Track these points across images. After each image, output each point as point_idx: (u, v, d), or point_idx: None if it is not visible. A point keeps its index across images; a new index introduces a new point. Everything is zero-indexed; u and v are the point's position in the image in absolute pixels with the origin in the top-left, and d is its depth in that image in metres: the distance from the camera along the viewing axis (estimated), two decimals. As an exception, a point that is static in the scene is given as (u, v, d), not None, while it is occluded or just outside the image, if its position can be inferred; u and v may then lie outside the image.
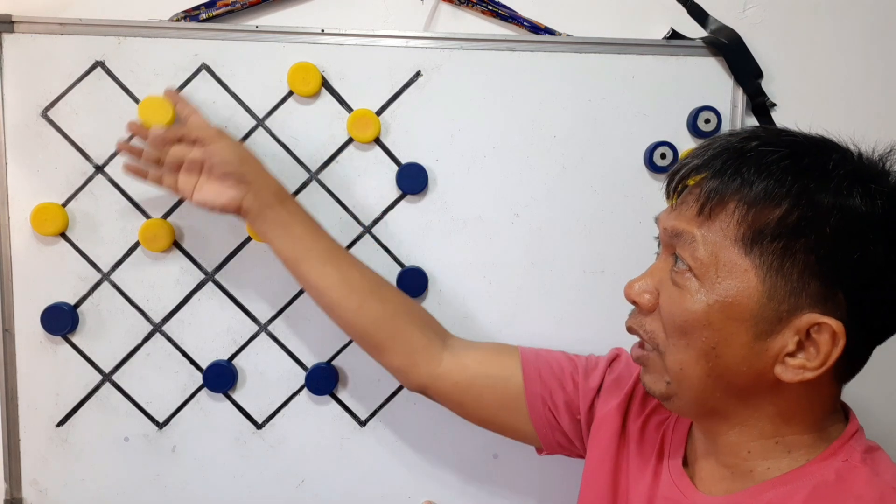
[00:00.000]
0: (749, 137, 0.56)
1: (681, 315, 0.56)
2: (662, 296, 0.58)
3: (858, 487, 0.53)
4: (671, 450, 0.68)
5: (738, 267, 0.53)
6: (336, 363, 0.95)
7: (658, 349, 0.59)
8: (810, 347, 0.53)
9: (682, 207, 0.58)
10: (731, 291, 0.53)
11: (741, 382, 0.56)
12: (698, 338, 0.55)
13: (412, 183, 0.93)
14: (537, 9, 0.94)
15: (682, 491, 0.63)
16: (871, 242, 0.51)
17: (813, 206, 0.51)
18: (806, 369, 0.53)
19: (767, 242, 0.52)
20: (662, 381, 0.59)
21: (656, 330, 0.59)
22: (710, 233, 0.55)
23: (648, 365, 0.61)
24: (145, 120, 0.86)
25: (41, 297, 0.91)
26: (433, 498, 0.99)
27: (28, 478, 0.94)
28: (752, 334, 0.54)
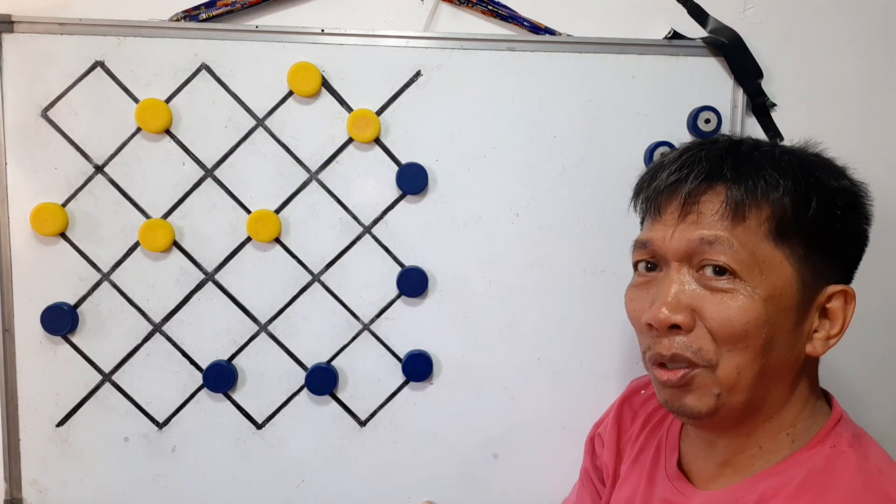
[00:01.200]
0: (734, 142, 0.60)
1: (741, 318, 0.55)
2: (708, 307, 0.56)
3: (847, 473, 0.54)
4: (667, 453, 0.69)
5: (774, 259, 0.56)
6: (336, 363, 0.95)
7: (711, 364, 0.57)
8: (824, 320, 0.58)
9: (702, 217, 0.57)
10: (777, 284, 0.56)
11: (784, 371, 0.58)
12: (758, 336, 0.55)
13: (412, 183, 0.93)
14: (537, 9, 0.94)
15: (680, 490, 0.64)
16: (859, 212, 0.60)
17: (826, 192, 0.57)
18: (831, 338, 0.58)
19: (793, 232, 0.56)
20: (711, 394, 0.57)
21: (704, 345, 0.56)
22: (742, 234, 0.56)
23: (693, 383, 0.58)
24: (142, 123, 0.86)
25: (41, 297, 0.91)
26: (433, 498, 0.99)
27: (28, 478, 0.94)
28: (793, 321, 0.57)
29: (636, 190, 0.66)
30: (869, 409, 1.03)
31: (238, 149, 0.91)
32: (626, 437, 0.78)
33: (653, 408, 0.78)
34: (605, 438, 0.80)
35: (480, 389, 0.97)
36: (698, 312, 0.57)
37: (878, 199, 0.98)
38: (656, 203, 0.60)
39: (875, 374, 1.03)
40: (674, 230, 0.58)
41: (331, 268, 0.94)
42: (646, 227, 0.63)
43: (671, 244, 0.58)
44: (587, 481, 0.85)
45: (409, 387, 0.97)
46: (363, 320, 0.95)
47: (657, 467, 0.69)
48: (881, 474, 0.54)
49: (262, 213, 0.91)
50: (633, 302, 0.63)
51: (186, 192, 0.91)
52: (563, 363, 0.97)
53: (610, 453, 0.78)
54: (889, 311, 1.02)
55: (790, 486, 0.55)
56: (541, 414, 0.98)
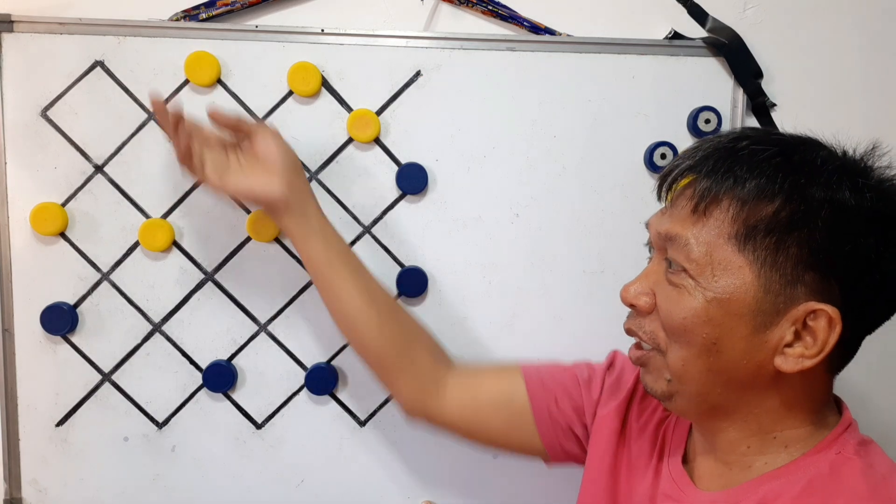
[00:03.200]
0: (739, 137, 0.58)
1: (680, 313, 0.57)
2: (660, 296, 0.59)
3: (852, 479, 0.54)
4: (671, 448, 0.69)
5: (733, 264, 0.55)
6: (336, 363, 0.95)
7: (659, 348, 0.60)
8: (807, 336, 0.54)
9: (674, 209, 0.59)
10: (728, 288, 0.55)
11: (742, 376, 0.56)
12: (699, 334, 0.56)
13: (412, 183, 0.93)
14: (537, 9, 0.94)
15: (682, 488, 0.64)
16: (861, 234, 0.53)
17: (805, 201, 0.53)
18: (805, 357, 0.54)
19: (761, 238, 0.54)
20: (663, 379, 0.60)
21: (655, 330, 0.60)
22: (703, 232, 0.56)
23: (649, 364, 0.62)
24: (191, 76, 0.88)
25: (41, 296, 0.91)
26: (433, 498, 0.99)
27: (28, 477, 0.94)
28: (750, 328, 0.55)
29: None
30: (869, 410, 1.03)
31: (238, 149, 0.91)
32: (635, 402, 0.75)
33: None
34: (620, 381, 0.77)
35: (480, 389, 0.97)
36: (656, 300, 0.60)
37: (878, 200, 0.99)
38: (657, 188, 0.63)
39: (874, 374, 1.03)
40: (658, 219, 0.61)
41: (331, 268, 0.94)
42: None
43: (653, 232, 0.62)
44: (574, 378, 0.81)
45: (409, 387, 0.96)
46: (363, 320, 0.95)
47: (662, 462, 0.69)
48: (886, 481, 0.53)
49: (262, 213, 0.91)
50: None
51: (186, 191, 0.91)
52: (562, 363, 0.97)
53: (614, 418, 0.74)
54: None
55: (792, 491, 0.55)
56: (541, 414, 0.98)
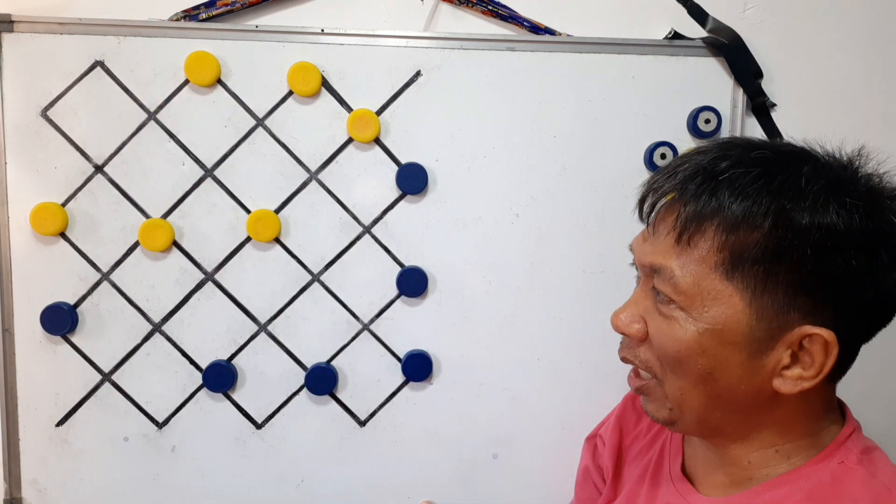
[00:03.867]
0: (719, 157, 0.54)
1: (673, 346, 0.55)
2: (651, 326, 0.58)
3: (854, 489, 0.53)
4: (671, 456, 0.69)
5: (722, 293, 0.53)
6: (336, 363, 0.95)
7: (656, 377, 0.59)
8: (804, 357, 0.53)
9: (657, 238, 0.57)
10: (719, 318, 0.53)
11: (741, 400, 0.56)
12: (693, 365, 0.55)
13: (412, 183, 0.93)
14: (537, 9, 0.94)
15: (683, 495, 0.63)
16: (851, 256, 0.51)
17: (791, 228, 0.50)
18: (803, 379, 0.53)
19: (748, 267, 0.52)
20: (665, 408, 0.59)
21: (650, 359, 0.58)
22: (689, 262, 0.54)
23: (649, 394, 0.60)
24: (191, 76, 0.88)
25: (41, 296, 0.91)
26: (433, 498, 0.99)
27: (28, 477, 0.94)
28: (745, 354, 0.53)
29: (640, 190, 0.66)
30: (868, 410, 1.03)
31: (238, 149, 0.91)
32: (629, 438, 0.78)
33: None
34: (606, 439, 0.80)
35: (480, 389, 0.97)
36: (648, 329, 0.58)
37: (878, 200, 0.99)
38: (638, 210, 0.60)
39: (873, 374, 1.03)
40: (641, 246, 0.59)
41: (331, 268, 0.94)
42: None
43: (639, 255, 0.60)
44: (587, 480, 0.84)
45: (409, 387, 0.97)
46: (363, 320, 0.95)
47: (661, 470, 0.69)
48: (889, 493, 0.52)
49: (261, 213, 0.91)
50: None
51: (186, 191, 0.91)
52: (563, 363, 0.97)
53: (611, 454, 0.78)
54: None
55: (794, 500, 0.54)
56: (541, 414, 0.98)
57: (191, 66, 0.88)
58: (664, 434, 0.73)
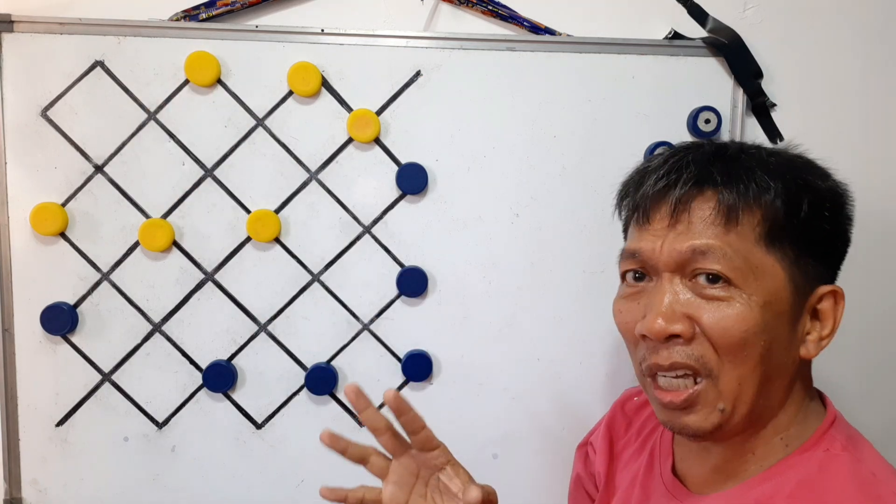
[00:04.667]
0: (722, 146, 0.59)
1: (739, 326, 0.54)
2: (705, 316, 0.55)
3: (841, 476, 0.54)
4: (661, 458, 0.69)
5: (766, 265, 0.55)
6: (336, 363, 0.95)
7: (711, 374, 0.56)
8: (815, 321, 0.57)
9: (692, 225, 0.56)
10: (771, 289, 0.55)
11: (783, 375, 0.57)
12: (756, 344, 0.54)
13: (412, 183, 0.93)
14: (537, 9, 0.94)
15: (675, 495, 0.64)
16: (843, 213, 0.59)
17: (816, 193, 0.56)
18: (823, 339, 0.57)
19: (784, 236, 0.55)
20: (716, 410, 0.56)
21: (706, 354, 0.55)
22: (735, 240, 0.55)
23: (698, 402, 0.56)
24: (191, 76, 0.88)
25: (41, 296, 0.91)
26: (433, 498, 0.99)
27: (28, 477, 0.94)
28: (789, 325, 0.56)
29: (621, 194, 0.65)
30: (865, 410, 1.03)
31: (238, 149, 0.91)
32: (620, 444, 0.78)
33: (647, 414, 0.78)
34: (597, 446, 0.80)
35: (480, 389, 0.97)
36: (696, 321, 0.55)
37: (878, 200, 0.99)
38: (644, 210, 0.59)
39: (871, 375, 1.03)
40: (663, 241, 0.57)
41: (331, 268, 0.94)
42: (633, 235, 0.62)
43: (662, 255, 0.57)
44: (579, 489, 0.84)
45: (409, 387, 0.96)
46: (363, 320, 0.95)
47: (652, 472, 0.69)
48: (875, 478, 0.53)
49: (261, 213, 0.91)
50: (622, 314, 0.61)
51: (186, 191, 0.91)
52: (563, 363, 0.97)
53: (602, 460, 0.78)
54: (887, 312, 1.02)
55: (784, 492, 0.54)
56: (541, 414, 0.98)
57: (191, 66, 0.88)
58: (654, 437, 0.73)
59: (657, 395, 0.58)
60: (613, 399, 0.85)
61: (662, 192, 0.57)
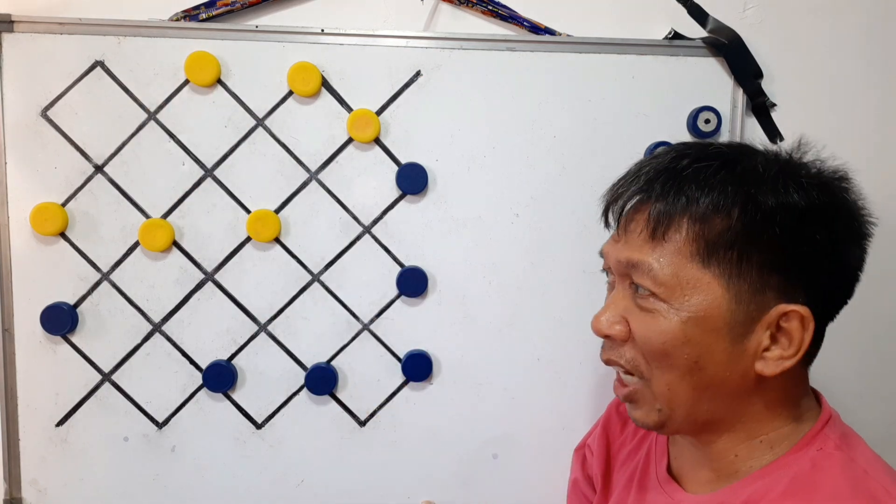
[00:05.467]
0: (679, 156, 0.58)
1: (658, 338, 0.56)
2: (633, 323, 0.58)
3: (833, 474, 0.54)
4: (656, 458, 0.70)
5: (701, 281, 0.55)
6: (336, 363, 0.95)
7: (643, 377, 0.59)
8: (782, 338, 0.55)
9: (630, 236, 0.59)
10: (700, 305, 0.55)
11: (728, 388, 0.57)
12: (679, 356, 0.56)
13: (412, 183, 0.93)
14: (537, 9, 0.94)
15: (670, 495, 0.64)
16: (815, 231, 0.54)
17: (759, 211, 0.53)
18: (784, 359, 0.55)
19: (723, 252, 0.54)
20: (654, 410, 0.59)
21: (636, 357, 0.59)
22: (665, 255, 0.56)
23: (637, 399, 0.61)
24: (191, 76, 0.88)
25: (41, 296, 0.91)
26: (433, 498, 0.99)
27: (28, 477, 0.94)
28: (728, 340, 0.55)
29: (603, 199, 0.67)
30: (865, 410, 1.03)
31: (238, 149, 0.91)
32: (616, 445, 0.79)
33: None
34: (594, 448, 0.81)
35: (480, 389, 0.97)
36: (630, 326, 0.59)
37: (878, 200, 0.99)
38: (605, 216, 0.63)
39: (871, 375, 1.03)
40: (613, 247, 0.61)
41: (331, 268, 0.94)
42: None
43: (611, 260, 0.61)
44: (576, 492, 0.85)
45: (409, 387, 0.97)
46: (363, 320, 0.95)
47: (647, 472, 0.69)
48: (867, 475, 0.54)
49: (261, 213, 0.91)
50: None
51: (186, 191, 0.91)
52: (563, 363, 0.97)
53: (599, 461, 0.78)
54: (887, 312, 1.02)
55: (777, 490, 0.55)
56: (541, 414, 0.98)
57: (191, 66, 0.88)
58: (650, 438, 0.73)
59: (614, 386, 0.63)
60: (612, 399, 0.85)
61: (613, 202, 0.61)
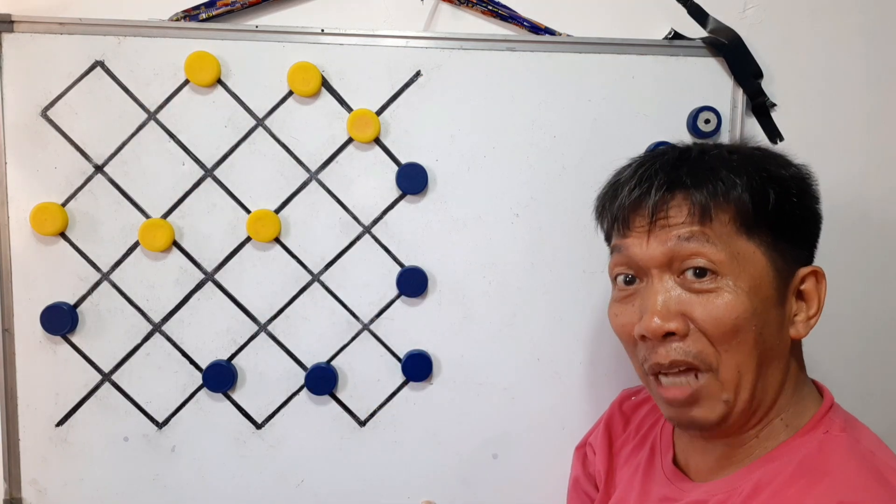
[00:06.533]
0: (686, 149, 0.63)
1: (731, 314, 0.56)
2: (697, 310, 0.57)
3: (840, 455, 0.55)
4: (662, 452, 0.70)
5: (749, 252, 0.58)
6: (336, 363, 0.95)
7: (712, 367, 0.58)
8: (800, 302, 0.60)
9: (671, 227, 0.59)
10: (755, 275, 0.57)
11: (777, 358, 0.59)
12: (748, 329, 0.57)
13: (412, 183, 0.93)
14: (537, 9, 0.94)
15: (679, 486, 0.64)
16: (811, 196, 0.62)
17: (780, 182, 0.59)
18: (810, 318, 0.60)
19: (761, 223, 0.58)
20: (720, 401, 0.58)
21: (703, 347, 0.57)
22: (716, 234, 0.58)
23: (702, 396, 0.58)
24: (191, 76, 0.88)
25: (41, 296, 0.91)
26: (433, 498, 0.99)
27: (28, 477, 0.94)
28: (776, 308, 0.59)
29: (598, 208, 0.68)
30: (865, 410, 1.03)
31: (238, 149, 0.91)
32: (619, 442, 0.79)
33: (645, 412, 0.79)
34: (596, 446, 0.81)
35: (480, 389, 0.97)
36: (689, 316, 0.57)
37: (878, 200, 0.99)
38: (624, 219, 0.62)
39: (871, 375, 1.03)
40: (647, 239, 0.60)
41: (331, 268, 0.94)
42: (617, 240, 0.64)
43: (648, 251, 0.59)
44: (577, 490, 0.85)
45: (409, 387, 0.97)
46: (363, 320, 0.95)
47: (653, 465, 0.69)
48: (874, 456, 0.55)
49: (261, 213, 0.91)
50: (618, 317, 0.64)
51: (186, 191, 0.91)
52: (563, 363, 0.97)
53: (602, 459, 0.79)
54: (887, 312, 1.02)
55: (785, 472, 0.56)
56: (541, 414, 0.98)
57: (191, 66, 0.88)
58: (654, 433, 0.73)
59: (661, 393, 0.60)
60: (613, 399, 0.85)
61: (637, 201, 0.60)
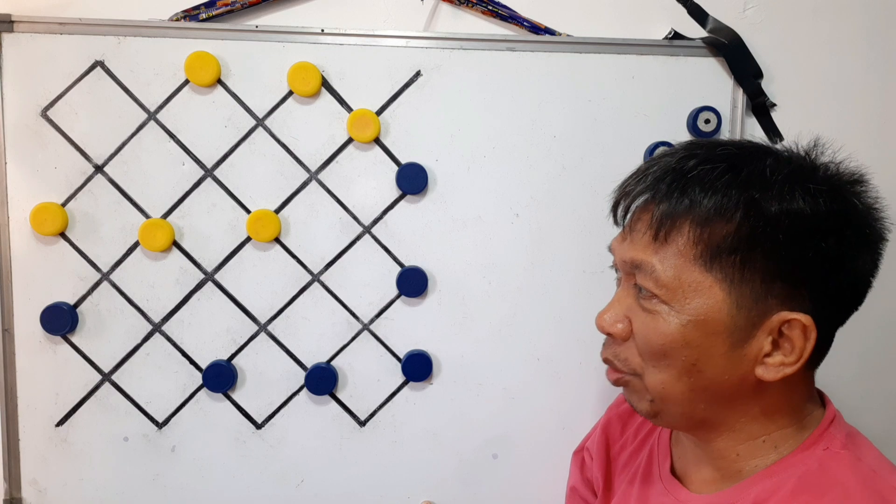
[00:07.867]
0: (687, 156, 0.57)
1: (658, 339, 0.56)
2: (636, 323, 0.58)
3: (841, 473, 0.54)
4: (659, 459, 0.69)
5: (703, 284, 0.54)
6: (336, 363, 0.95)
7: (636, 373, 0.59)
8: (785, 344, 0.54)
9: (635, 236, 0.59)
10: (701, 309, 0.54)
11: (725, 391, 0.56)
12: (677, 357, 0.56)
13: (412, 183, 0.93)
14: (537, 9, 0.94)
15: (675, 495, 0.64)
16: (821, 239, 0.53)
17: (762, 217, 0.53)
18: (785, 365, 0.54)
19: (725, 256, 0.53)
20: (646, 400, 0.60)
21: (630, 357, 0.59)
22: (667, 257, 0.55)
23: (629, 386, 0.61)
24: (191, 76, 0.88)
25: (41, 296, 0.91)
26: (433, 498, 0.99)
27: (28, 477, 0.94)
28: (728, 344, 0.55)
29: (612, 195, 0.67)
30: (865, 410, 1.03)
31: (238, 149, 0.91)
32: (617, 447, 0.78)
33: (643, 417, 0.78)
34: (593, 451, 0.81)
35: (480, 389, 0.97)
36: (632, 325, 0.59)
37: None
38: (614, 213, 0.62)
39: (871, 375, 1.03)
40: (620, 245, 0.61)
41: (330, 268, 0.94)
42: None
43: (619, 253, 0.61)
44: (575, 495, 0.85)
45: (409, 387, 0.97)
46: (363, 320, 0.95)
47: (650, 472, 0.69)
48: (875, 474, 0.54)
49: (261, 213, 0.91)
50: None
51: (186, 191, 0.91)
52: (563, 363, 0.97)
53: (599, 465, 0.78)
54: (887, 312, 1.02)
55: (785, 489, 0.55)
56: (540, 414, 0.98)
57: (191, 66, 0.88)
58: (652, 438, 0.73)
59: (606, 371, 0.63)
60: (612, 399, 0.85)
61: (622, 198, 0.61)
